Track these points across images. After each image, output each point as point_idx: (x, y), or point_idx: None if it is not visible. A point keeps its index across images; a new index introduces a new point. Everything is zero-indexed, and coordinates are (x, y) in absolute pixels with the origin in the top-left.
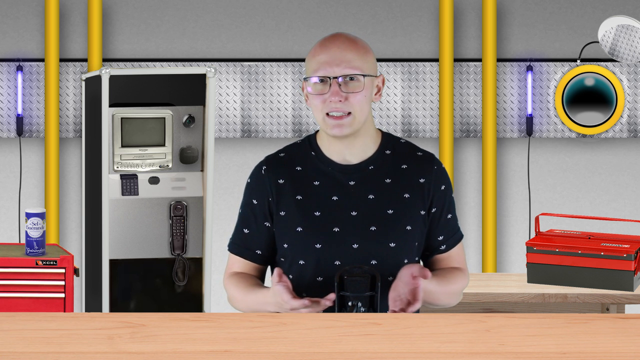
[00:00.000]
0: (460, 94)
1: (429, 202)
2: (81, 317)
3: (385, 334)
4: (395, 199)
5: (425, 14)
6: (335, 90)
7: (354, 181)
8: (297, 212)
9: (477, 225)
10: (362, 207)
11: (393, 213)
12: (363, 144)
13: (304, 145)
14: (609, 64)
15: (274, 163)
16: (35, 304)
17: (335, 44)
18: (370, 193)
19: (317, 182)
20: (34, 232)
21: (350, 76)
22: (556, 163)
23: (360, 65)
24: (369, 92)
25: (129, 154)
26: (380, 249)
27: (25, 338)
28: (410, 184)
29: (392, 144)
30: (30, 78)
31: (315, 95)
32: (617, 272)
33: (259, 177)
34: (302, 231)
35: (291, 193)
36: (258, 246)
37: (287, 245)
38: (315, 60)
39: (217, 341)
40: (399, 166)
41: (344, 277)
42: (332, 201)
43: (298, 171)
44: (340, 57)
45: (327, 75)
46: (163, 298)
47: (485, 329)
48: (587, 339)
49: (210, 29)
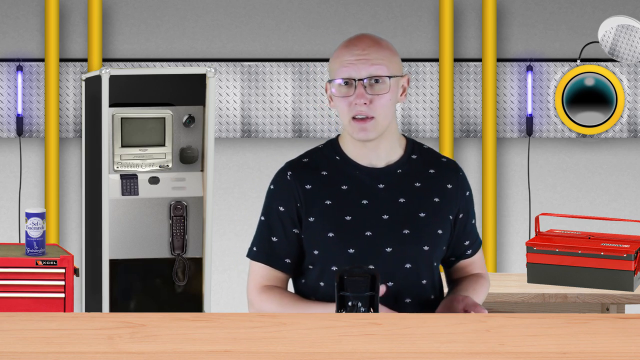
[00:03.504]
0: (460, 94)
1: (456, 208)
2: (81, 317)
3: (385, 334)
4: (425, 202)
5: (425, 14)
6: (360, 92)
7: (383, 184)
8: (328, 218)
9: (477, 226)
10: (393, 211)
11: (425, 216)
12: (389, 147)
13: (327, 149)
14: (609, 64)
15: (299, 168)
16: (35, 304)
17: (359, 45)
18: (400, 197)
19: (345, 186)
20: (34, 232)
21: (376, 78)
22: (556, 163)
23: (385, 66)
24: (394, 94)
25: (129, 154)
26: (415, 252)
27: (25, 338)
28: (439, 189)
29: (417, 149)
30: (30, 78)
31: (341, 98)
32: (617, 272)
33: (284, 183)
34: (334, 237)
35: (320, 198)
36: (287, 254)
37: (318, 252)
38: (340, 62)
39: (217, 341)
40: (427, 171)
41: (344, 277)
42: (362, 205)
43: (324, 176)
44: (365, 58)
45: (352, 77)
46: (163, 298)
47: (485, 329)
48: (587, 339)
49: (210, 28)
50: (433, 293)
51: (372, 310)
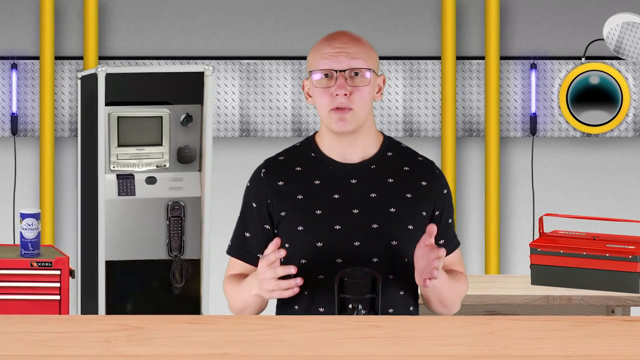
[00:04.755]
0: (463, 92)
1: (432, 205)
2: (77, 319)
3: (386, 337)
4: (397, 197)
5: (427, 11)
6: (341, 83)
7: (355, 179)
8: (298, 212)
9: (480, 226)
10: (364, 205)
11: (395, 211)
12: (364, 143)
13: (303, 146)
14: (614, 61)
15: (273, 166)
16: (30, 306)
17: (339, 40)
18: (372, 191)
19: (318, 181)
20: (28, 233)
21: (356, 71)
22: (560, 163)
23: (364, 60)
24: (372, 88)
25: (125, 154)
26: (382, 246)
27: (20, 341)
28: (412, 185)
29: (393, 146)
30: (25, 76)
31: (321, 90)
32: (623, 273)
33: (258, 180)
34: (303, 230)
35: (292, 193)
36: (258, 249)
37: (289, 245)
38: (320, 55)
39: (215, 344)
40: (401, 167)
41: (344, 279)
42: (333, 199)
43: (298, 172)
44: (345, 51)
45: (333, 68)
46: (160, 300)
47: (489, 332)
48: (592, 342)
49: (209, 26)
50: (402, 289)
51: (373, 313)
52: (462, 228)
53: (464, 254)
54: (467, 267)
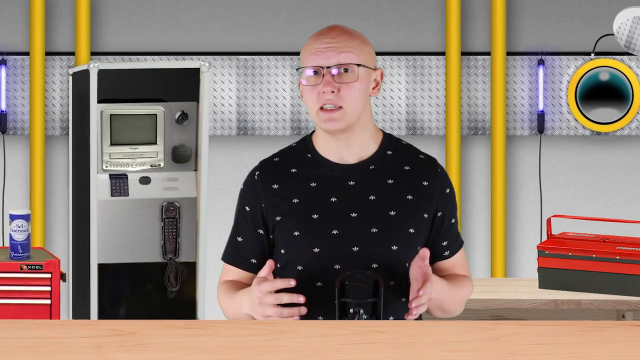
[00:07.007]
0: (468, 89)
1: (433, 206)
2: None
3: (388, 343)
4: (397, 200)
5: (431, 5)
6: (328, 80)
7: (353, 181)
8: (294, 216)
9: (486, 228)
10: (362, 208)
11: (395, 215)
12: (361, 143)
13: (299, 147)
14: (624, 57)
15: (268, 168)
16: (20, 310)
17: (329, 34)
18: (371, 194)
19: (314, 183)
20: (18, 235)
21: (345, 67)
22: (569, 162)
23: (355, 54)
24: (364, 85)
25: (118, 153)
26: (382, 252)
27: (9, 347)
28: (413, 186)
29: (393, 144)
30: (14, 72)
31: (309, 88)
32: (634, 277)
33: (251, 183)
34: (299, 235)
35: (288, 197)
36: (252, 255)
37: (284, 251)
38: (309, 50)
39: (211, 350)
40: (402, 167)
41: (345, 282)
42: (330, 203)
43: (293, 174)
44: (334, 47)
45: (320, 64)
46: (154, 304)
47: (495, 337)
48: (602, 348)
49: (204, 20)
50: (404, 296)
51: (375, 318)
52: (468, 230)
53: (469, 256)
54: (473, 271)
